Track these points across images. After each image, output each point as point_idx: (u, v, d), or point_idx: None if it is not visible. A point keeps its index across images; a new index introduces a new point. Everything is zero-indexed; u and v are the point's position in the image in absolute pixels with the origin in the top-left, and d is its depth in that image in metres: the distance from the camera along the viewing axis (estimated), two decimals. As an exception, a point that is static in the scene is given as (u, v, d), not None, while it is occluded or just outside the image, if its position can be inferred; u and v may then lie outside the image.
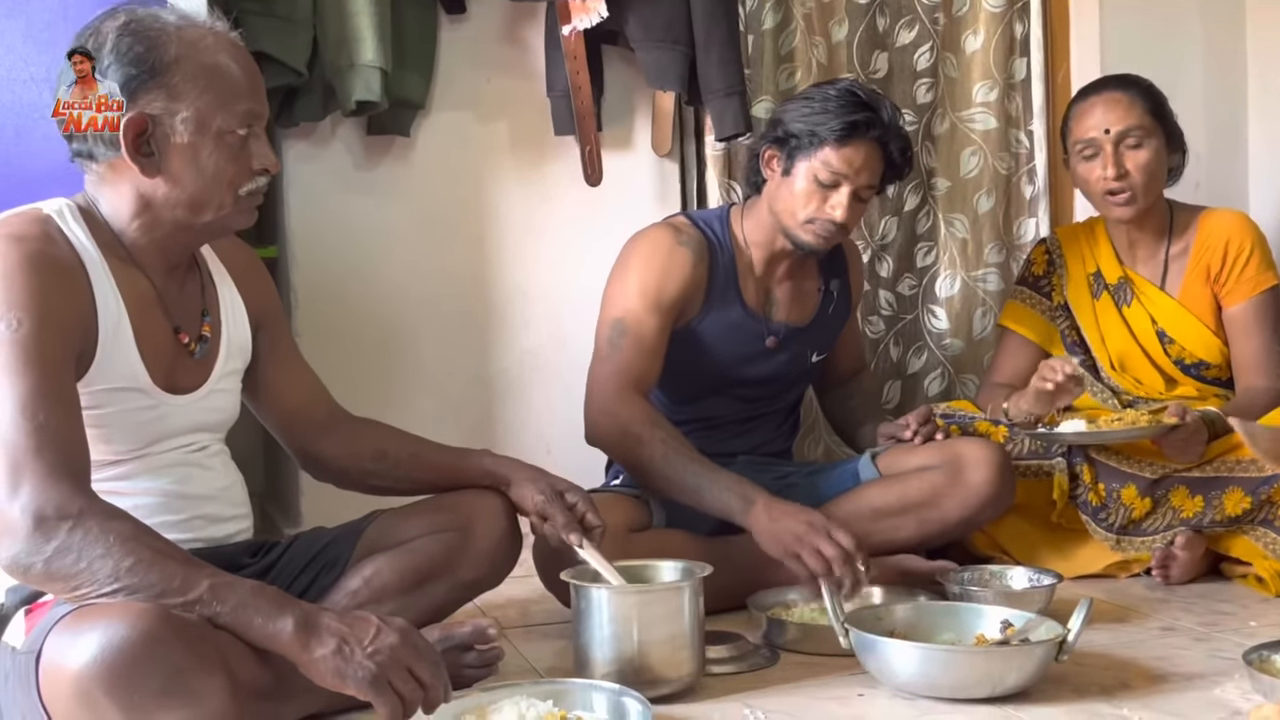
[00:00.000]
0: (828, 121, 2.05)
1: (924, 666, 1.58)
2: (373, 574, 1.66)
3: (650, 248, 2.14)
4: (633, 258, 2.15)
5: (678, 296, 2.12)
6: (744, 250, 2.20)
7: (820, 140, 2.06)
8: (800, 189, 2.09)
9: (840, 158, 2.06)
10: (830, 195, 2.08)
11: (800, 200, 2.09)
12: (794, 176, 2.10)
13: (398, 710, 1.30)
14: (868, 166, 2.08)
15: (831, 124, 2.05)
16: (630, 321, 2.08)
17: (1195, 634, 1.89)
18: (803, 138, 2.08)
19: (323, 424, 1.79)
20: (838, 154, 2.05)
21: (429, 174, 2.65)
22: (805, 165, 2.08)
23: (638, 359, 2.07)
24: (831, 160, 2.06)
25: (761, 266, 2.21)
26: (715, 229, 2.20)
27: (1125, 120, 2.31)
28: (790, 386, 2.32)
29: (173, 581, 1.27)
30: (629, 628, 1.60)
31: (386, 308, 2.64)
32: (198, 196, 1.50)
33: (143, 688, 1.21)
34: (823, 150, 2.06)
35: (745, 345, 2.20)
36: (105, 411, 1.48)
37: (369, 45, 2.39)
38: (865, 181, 2.09)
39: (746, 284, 2.20)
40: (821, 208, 2.08)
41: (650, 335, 2.08)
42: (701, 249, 2.16)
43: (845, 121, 2.05)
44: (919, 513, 2.10)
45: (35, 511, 1.27)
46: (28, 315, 1.37)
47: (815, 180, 2.07)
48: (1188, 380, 2.40)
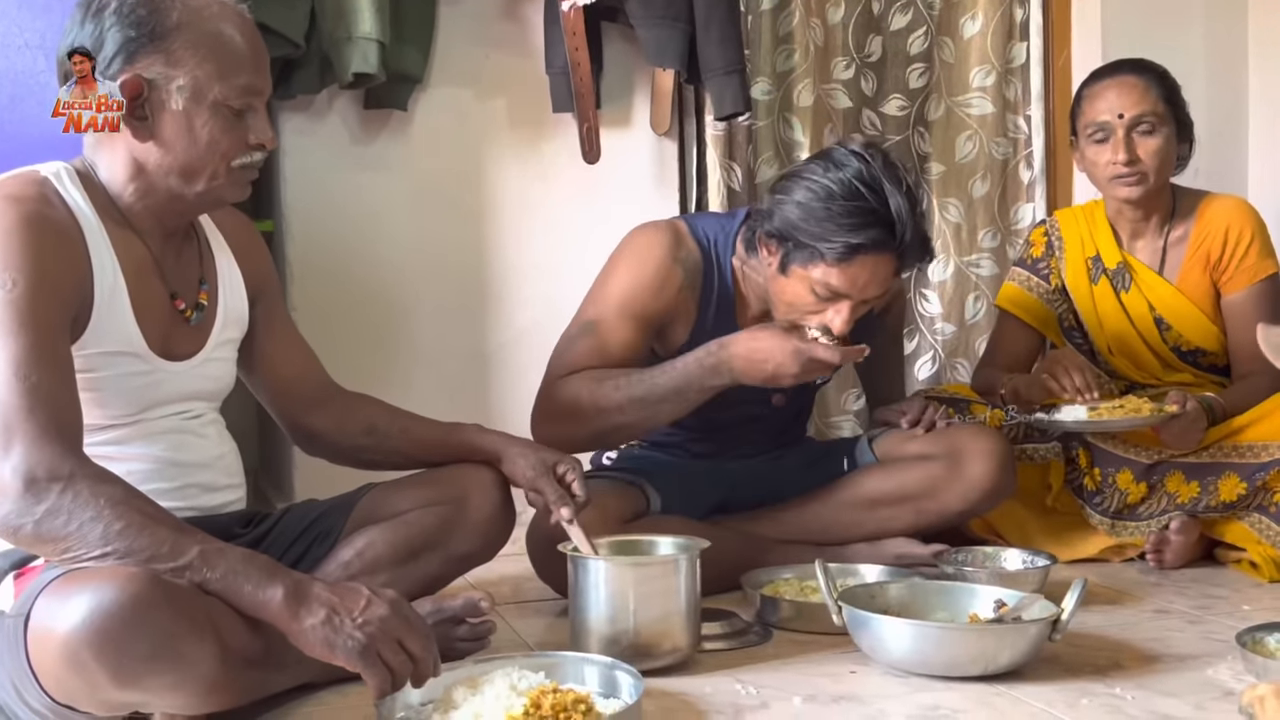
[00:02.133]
0: (829, 237, 1.79)
1: (917, 643, 1.58)
2: (365, 545, 1.66)
3: (644, 255, 1.98)
4: (623, 262, 2.00)
5: (658, 313, 1.98)
6: (741, 287, 2.03)
7: (820, 255, 1.81)
8: (796, 295, 1.87)
9: (843, 277, 1.82)
10: (829, 307, 1.85)
11: (795, 305, 1.88)
12: (790, 279, 1.86)
13: (386, 682, 1.29)
14: (875, 279, 1.83)
15: (833, 241, 1.79)
16: (600, 326, 1.96)
17: (1188, 617, 1.89)
18: (800, 248, 1.83)
19: (315, 398, 1.78)
20: (840, 273, 1.81)
21: (426, 149, 2.64)
22: (802, 273, 1.84)
23: (598, 359, 1.94)
24: (831, 279, 1.82)
25: (757, 310, 2.04)
26: (719, 248, 2.02)
27: (1139, 106, 2.29)
28: (794, 406, 2.21)
29: (163, 546, 1.26)
30: (625, 600, 1.59)
31: (382, 283, 2.63)
32: (189, 164, 1.49)
33: (132, 652, 1.21)
34: (820, 266, 1.81)
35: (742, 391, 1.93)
36: (100, 375, 1.47)
37: (367, 17, 2.38)
38: (872, 294, 1.86)
39: (743, 316, 2.03)
40: (818, 317, 1.86)
41: (619, 343, 1.95)
42: (695, 275, 1.99)
43: (848, 243, 1.79)
44: (917, 503, 2.09)
45: (26, 472, 1.26)
46: (23, 276, 1.36)
47: (813, 293, 1.85)
48: (1184, 367, 2.40)
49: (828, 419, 2.85)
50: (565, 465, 1.74)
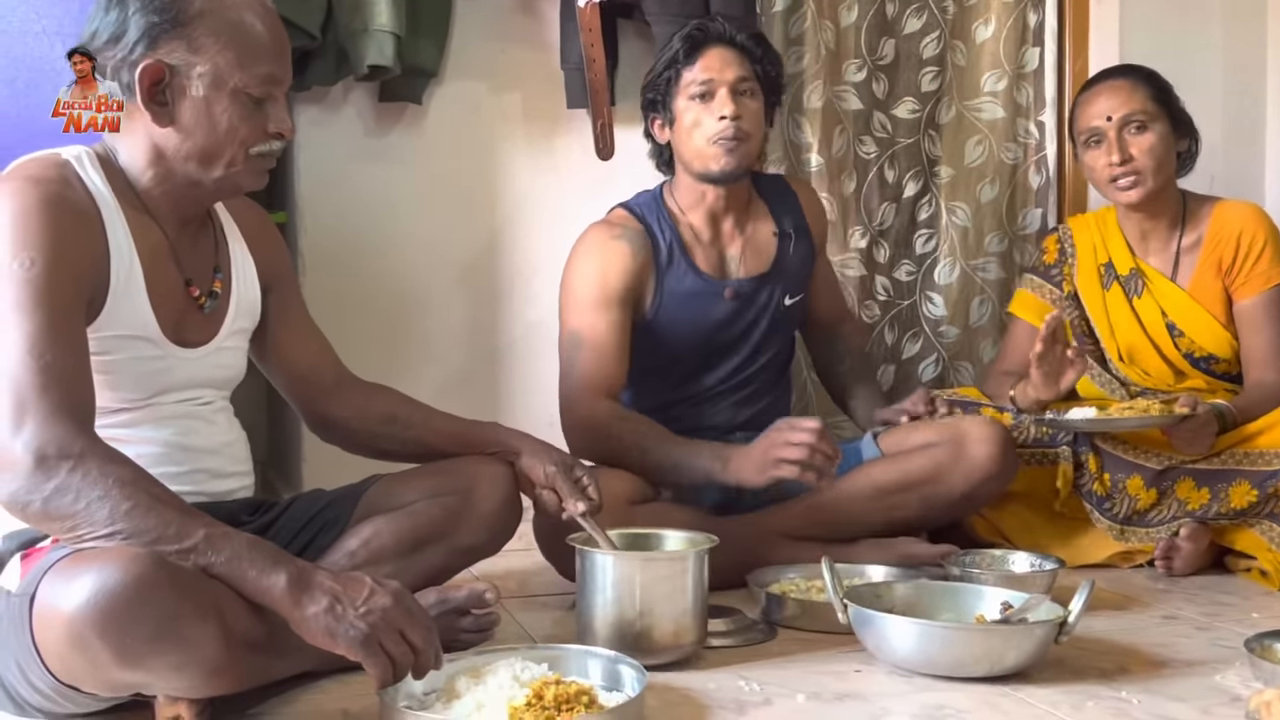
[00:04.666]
0: (672, 53, 2.17)
1: (922, 643, 1.57)
2: (371, 535, 1.66)
3: (586, 249, 2.18)
4: (574, 264, 2.19)
5: (624, 288, 2.15)
6: (684, 220, 2.24)
7: (677, 70, 2.15)
8: (689, 120, 2.15)
9: (699, 68, 2.14)
10: (711, 105, 2.13)
11: (693, 128, 2.15)
12: (678, 117, 2.17)
13: (388, 671, 1.29)
14: (729, 65, 2.14)
15: (676, 52, 2.16)
16: (585, 331, 2.12)
17: (1197, 623, 1.88)
18: (664, 83, 2.18)
19: (331, 387, 1.79)
20: (695, 67, 2.14)
21: (440, 142, 2.64)
22: (679, 101, 2.16)
23: (599, 366, 2.10)
24: (695, 75, 2.14)
25: (706, 229, 2.24)
26: (652, 209, 2.24)
27: (1127, 105, 2.30)
28: (770, 338, 2.29)
29: (169, 528, 1.26)
30: (632, 594, 1.59)
31: (394, 275, 2.64)
32: (208, 150, 1.49)
33: (135, 632, 1.21)
34: (683, 76, 2.15)
35: (707, 307, 2.21)
36: (113, 358, 1.47)
37: (383, 10, 2.38)
38: (734, 76, 2.14)
39: (696, 252, 2.23)
40: (711, 121, 2.13)
41: (606, 337, 2.12)
42: (639, 237, 2.19)
43: (684, 39, 2.16)
44: (922, 489, 2.09)
45: (37, 449, 1.27)
46: (40, 255, 1.36)
47: (693, 100, 2.14)
48: (1196, 373, 2.38)
49: (833, 418, 2.84)
50: (581, 469, 1.76)
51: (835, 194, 2.81)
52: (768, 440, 1.94)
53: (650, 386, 2.23)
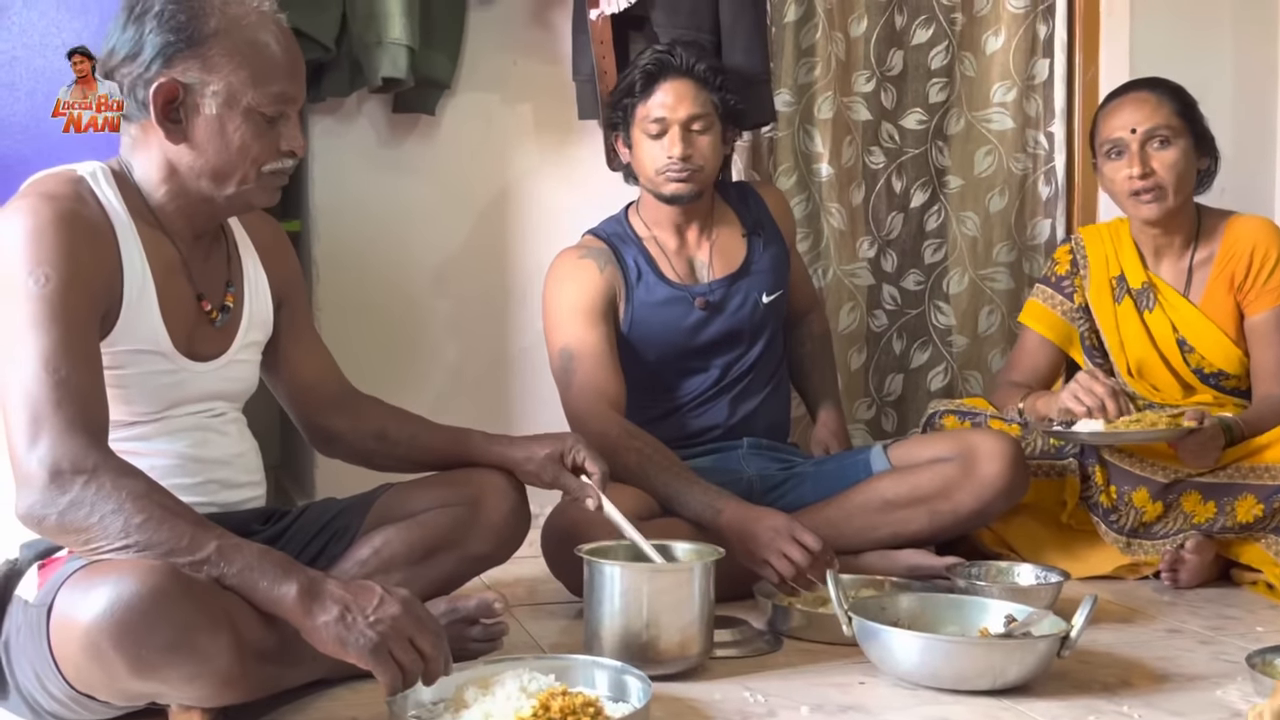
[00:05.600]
0: (631, 84, 2.23)
1: (925, 656, 1.58)
2: (382, 544, 1.68)
3: (557, 273, 2.27)
4: (549, 289, 2.27)
5: (600, 303, 2.22)
6: (649, 235, 2.31)
7: (633, 102, 2.23)
8: (643, 152, 2.24)
9: (654, 105, 2.20)
10: (662, 141, 2.21)
11: (647, 160, 2.23)
12: (635, 145, 2.26)
13: (397, 680, 1.31)
14: (683, 101, 2.20)
15: (634, 84, 2.22)
16: (574, 344, 2.18)
17: (1201, 637, 1.89)
18: (624, 110, 2.26)
19: (334, 401, 1.81)
20: (648, 104, 2.21)
21: (453, 154, 2.67)
22: (635, 131, 2.24)
23: (595, 375, 2.14)
24: (649, 111, 2.21)
25: (673, 240, 2.31)
26: (616, 230, 2.32)
27: (1152, 119, 2.29)
28: (753, 336, 2.31)
29: (182, 540, 1.29)
30: (640, 606, 1.61)
31: (406, 285, 2.66)
32: (220, 168, 1.52)
33: (150, 643, 1.23)
34: (637, 110, 2.23)
35: (680, 315, 2.26)
36: (126, 373, 1.50)
37: (397, 22, 2.40)
38: (686, 114, 2.20)
39: (663, 263, 2.29)
40: (662, 156, 2.20)
41: (596, 347, 2.17)
42: (604, 255, 2.26)
43: (640, 72, 2.22)
44: (931, 504, 2.10)
45: (52, 464, 1.30)
46: (55, 272, 1.39)
47: (647, 136, 2.22)
48: (1206, 389, 2.38)
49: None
50: (571, 450, 1.76)
51: (844, 203, 2.83)
52: (765, 534, 1.90)
53: (639, 400, 2.24)
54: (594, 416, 2.11)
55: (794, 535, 1.88)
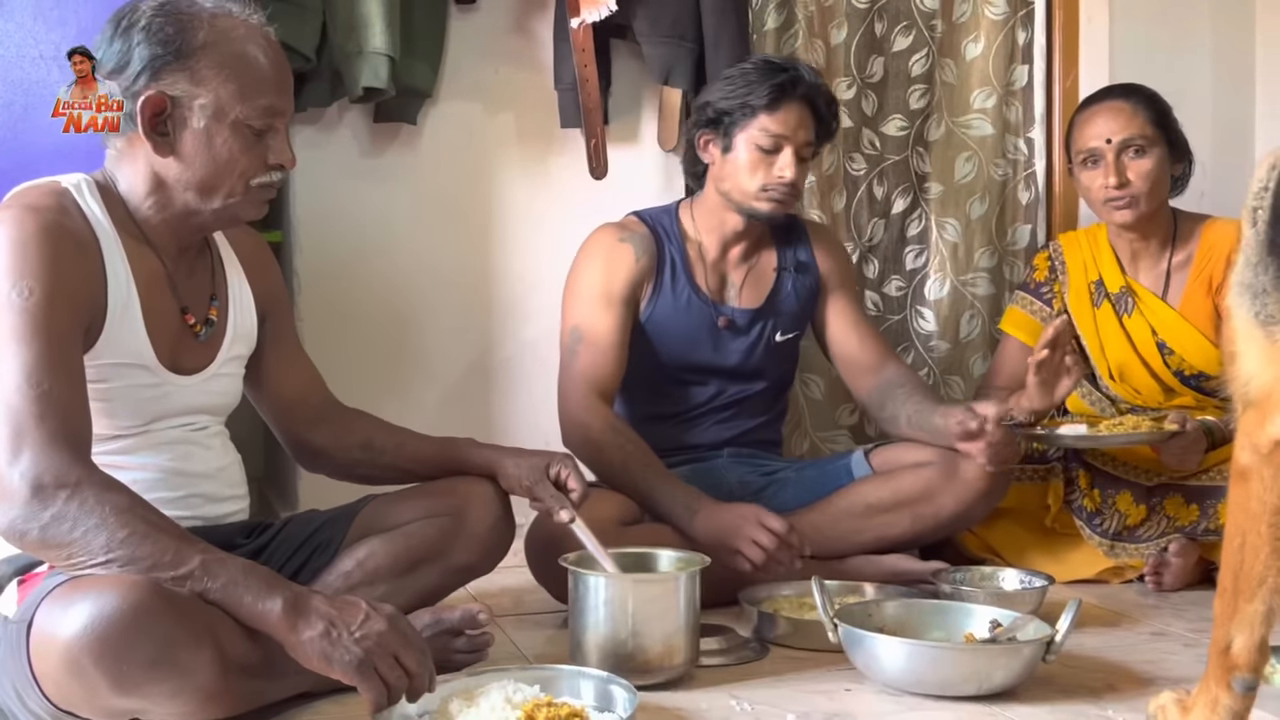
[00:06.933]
0: (755, 90, 2.14)
1: (911, 662, 1.58)
2: (366, 556, 1.67)
3: (593, 248, 2.23)
4: (579, 262, 2.23)
5: (626, 288, 2.19)
6: (695, 239, 2.27)
7: (753, 109, 2.14)
8: (745, 160, 2.16)
9: (776, 121, 2.14)
10: (775, 159, 2.15)
11: (747, 171, 2.16)
12: (735, 151, 2.18)
13: (382, 695, 1.31)
14: (803, 125, 2.16)
15: (760, 91, 2.14)
16: (585, 326, 2.16)
17: (1185, 640, 1.89)
18: (735, 112, 2.16)
19: (317, 415, 1.80)
20: (773, 118, 2.14)
21: (435, 163, 2.66)
22: (744, 137, 2.16)
23: (596, 363, 2.13)
24: (769, 125, 2.14)
25: (715, 252, 2.27)
26: (664, 222, 2.28)
27: (1127, 129, 2.31)
28: (762, 369, 2.30)
29: (165, 555, 1.28)
30: (625, 616, 1.61)
31: (389, 295, 2.65)
32: (207, 181, 1.51)
33: (132, 659, 1.22)
34: (758, 118, 2.14)
35: (698, 328, 2.24)
36: (109, 386, 1.49)
37: (378, 32, 2.40)
38: (804, 139, 2.17)
39: (698, 271, 2.26)
40: (770, 173, 2.15)
41: (606, 335, 2.15)
42: (646, 242, 2.23)
43: (773, 85, 2.14)
44: (913, 508, 2.11)
45: (34, 478, 1.29)
46: (39, 284, 1.38)
47: (758, 149, 2.15)
48: (1186, 391, 2.40)
49: (823, 433, 2.86)
50: (558, 465, 1.75)
51: (826, 210, 2.84)
52: (734, 523, 1.92)
53: (636, 397, 2.26)
54: (580, 404, 2.10)
55: (760, 520, 1.91)
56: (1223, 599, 1.22)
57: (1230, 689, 1.21)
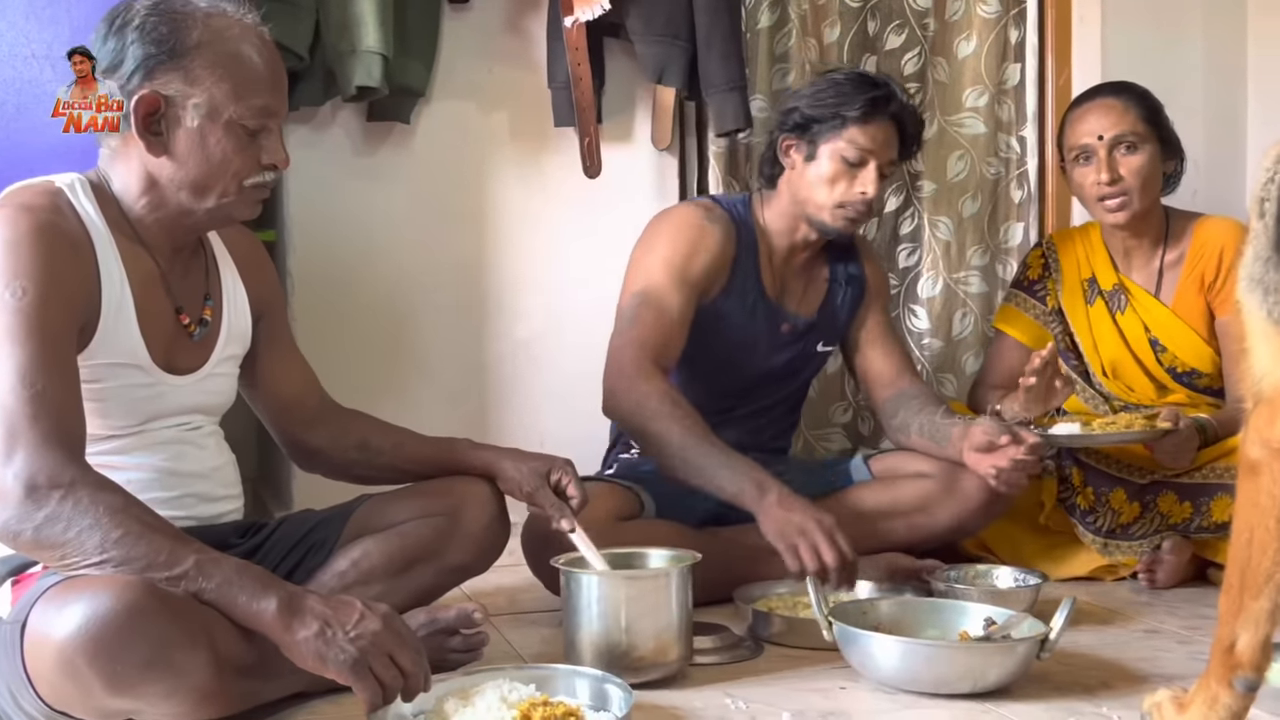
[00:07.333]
0: (848, 102, 2.09)
1: (906, 660, 1.59)
2: (361, 556, 1.67)
3: (679, 223, 2.15)
4: (661, 233, 2.15)
5: (704, 273, 2.12)
6: (765, 237, 2.22)
7: (844, 121, 2.09)
8: (827, 172, 2.11)
9: (866, 135, 2.09)
10: (858, 174, 2.10)
11: (827, 183, 2.11)
12: (818, 161, 2.12)
13: (377, 695, 1.30)
14: (890, 143, 2.12)
15: (853, 103, 2.08)
16: (653, 294, 2.07)
17: (1179, 637, 1.90)
18: (825, 121, 2.10)
19: (313, 415, 1.80)
20: (863, 132, 2.09)
21: (429, 162, 2.66)
22: (830, 148, 2.10)
23: (658, 331, 2.04)
24: (858, 138, 2.09)
25: (781, 255, 2.23)
26: (740, 211, 2.22)
27: (1119, 126, 2.32)
28: (795, 376, 2.30)
29: (159, 555, 1.28)
30: (617, 613, 1.61)
31: (383, 294, 2.65)
32: (201, 181, 1.51)
33: (126, 659, 1.22)
34: (847, 130, 2.09)
35: (761, 330, 2.20)
36: (104, 386, 1.48)
37: (371, 31, 2.40)
38: (888, 157, 2.12)
39: (765, 270, 2.21)
40: (850, 188, 2.10)
41: (673, 309, 2.06)
42: (729, 228, 2.17)
43: (867, 99, 2.09)
44: (910, 518, 2.11)
45: (28, 479, 1.28)
46: (32, 284, 1.38)
47: (842, 161, 2.10)
48: (1179, 388, 2.40)
49: (817, 430, 2.86)
50: (559, 471, 1.75)
51: (821, 210, 2.84)
52: (806, 523, 1.81)
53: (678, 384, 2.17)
54: (641, 374, 1.99)
55: (833, 534, 1.80)
56: (1228, 595, 1.20)
57: (1231, 688, 1.19)
